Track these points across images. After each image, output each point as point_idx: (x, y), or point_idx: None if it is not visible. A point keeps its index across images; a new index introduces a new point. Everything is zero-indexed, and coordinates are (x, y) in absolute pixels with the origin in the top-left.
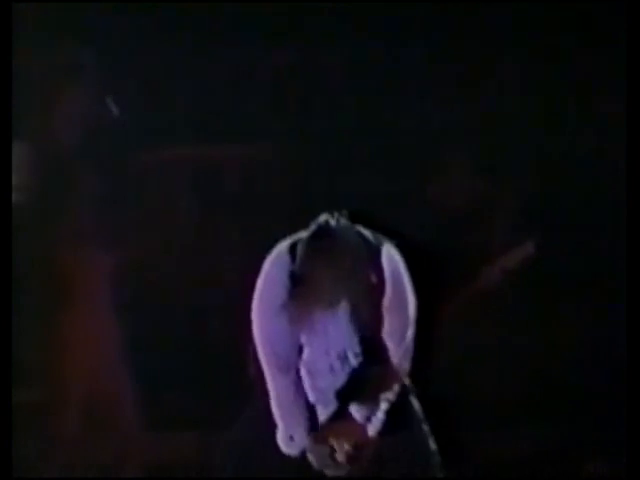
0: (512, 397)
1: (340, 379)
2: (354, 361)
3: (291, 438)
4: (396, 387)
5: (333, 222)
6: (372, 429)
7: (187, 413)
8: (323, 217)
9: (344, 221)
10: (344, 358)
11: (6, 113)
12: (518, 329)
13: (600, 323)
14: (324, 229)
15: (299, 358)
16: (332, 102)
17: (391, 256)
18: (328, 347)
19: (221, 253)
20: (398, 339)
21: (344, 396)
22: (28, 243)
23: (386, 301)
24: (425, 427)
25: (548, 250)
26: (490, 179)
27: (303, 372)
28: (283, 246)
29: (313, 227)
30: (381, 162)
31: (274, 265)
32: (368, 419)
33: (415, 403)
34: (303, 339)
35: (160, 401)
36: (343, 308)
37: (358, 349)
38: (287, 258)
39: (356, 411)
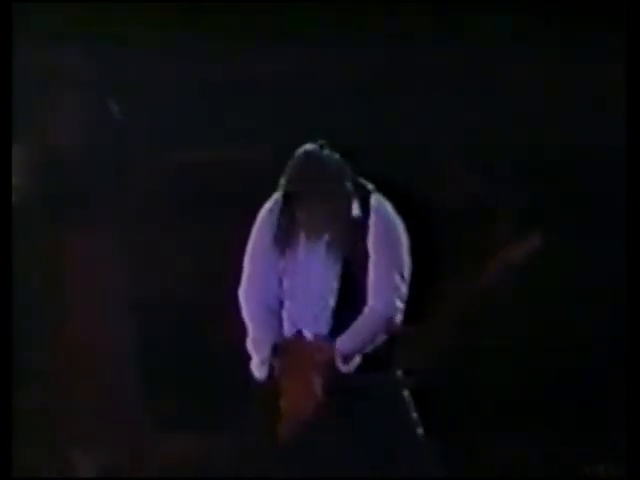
0: (511, 399)
1: (324, 326)
2: (332, 301)
3: (262, 362)
4: (380, 333)
5: (314, 148)
6: (347, 368)
7: (188, 414)
8: (305, 146)
9: (327, 151)
10: (325, 303)
11: (6, 114)
12: (518, 330)
13: (600, 325)
14: (307, 157)
15: (281, 305)
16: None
17: (380, 202)
18: (309, 286)
19: (223, 254)
20: (386, 282)
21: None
22: (29, 244)
23: (373, 241)
24: (414, 415)
25: (549, 249)
26: (489, 172)
27: (287, 322)
28: (278, 195)
29: (297, 155)
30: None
31: (268, 210)
32: (349, 358)
33: (406, 395)
34: (285, 283)
35: (161, 402)
36: (324, 241)
37: (335, 284)
38: (281, 203)
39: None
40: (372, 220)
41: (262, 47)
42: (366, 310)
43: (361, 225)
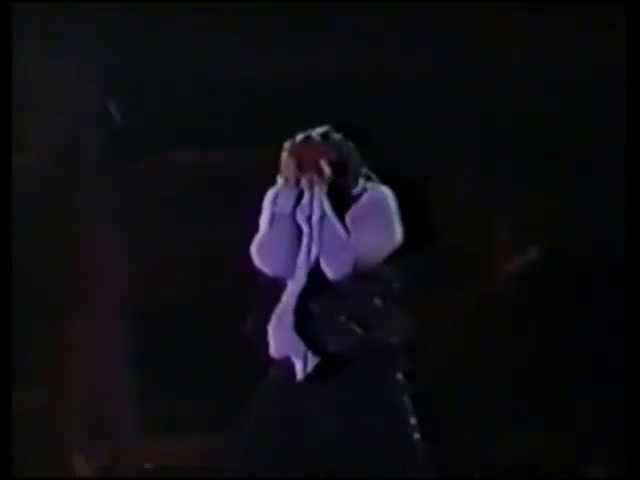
0: (511, 399)
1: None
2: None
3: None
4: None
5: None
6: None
7: (188, 414)
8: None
9: (337, 135)
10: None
11: (6, 114)
12: (518, 330)
13: (600, 325)
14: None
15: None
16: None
17: (381, 189)
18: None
19: (222, 253)
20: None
21: None
22: (29, 244)
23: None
24: (413, 421)
25: (548, 254)
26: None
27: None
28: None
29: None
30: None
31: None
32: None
33: (405, 398)
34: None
35: (161, 402)
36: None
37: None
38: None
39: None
40: (364, 196)
41: (263, 46)
42: None
43: (353, 199)
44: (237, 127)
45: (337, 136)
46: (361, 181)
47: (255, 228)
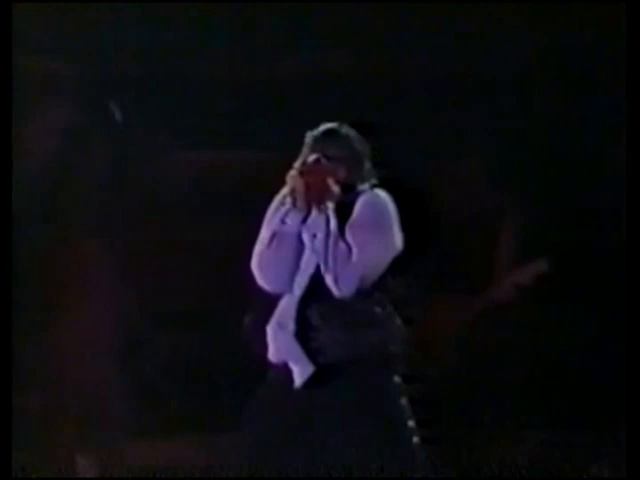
0: (513, 401)
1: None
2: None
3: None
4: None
5: (337, 127)
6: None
7: (186, 415)
8: (327, 125)
9: (351, 131)
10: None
11: (7, 115)
12: (520, 334)
13: (601, 326)
14: (327, 134)
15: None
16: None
17: (377, 194)
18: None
19: (220, 253)
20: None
21: None
22: (29, 244)
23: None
24: (411, 424)
25: (548, 255)
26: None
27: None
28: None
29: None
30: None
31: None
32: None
33: (403, 401)
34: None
35: (162, 403)
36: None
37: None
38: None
39: None
40: (361, 200)
41: (263, 46)
42: None
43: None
44: (238, 127)
45: (352, 132)
46: (366, 184)
47: (255, 228)
